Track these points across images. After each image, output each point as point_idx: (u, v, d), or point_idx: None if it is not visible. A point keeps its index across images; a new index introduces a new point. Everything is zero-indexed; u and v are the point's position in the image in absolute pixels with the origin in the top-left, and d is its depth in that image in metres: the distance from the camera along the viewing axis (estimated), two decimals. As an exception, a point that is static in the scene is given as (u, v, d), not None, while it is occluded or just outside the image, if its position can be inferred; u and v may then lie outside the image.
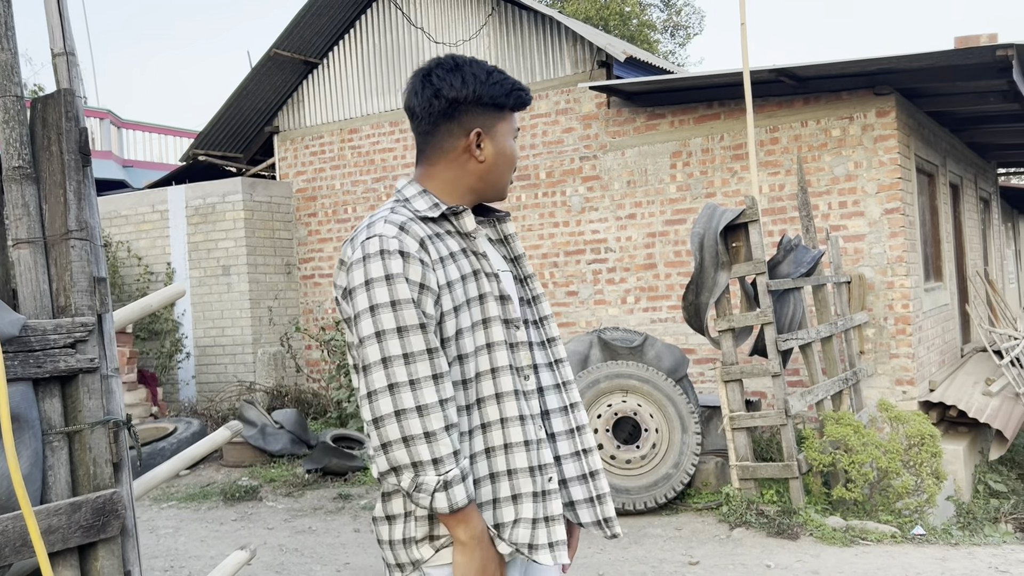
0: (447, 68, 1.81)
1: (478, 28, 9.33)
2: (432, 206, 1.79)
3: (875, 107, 7.41)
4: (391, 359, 1.60)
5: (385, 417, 1.59)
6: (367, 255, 1.66)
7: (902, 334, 7.41)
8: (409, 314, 1.62)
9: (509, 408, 1.75)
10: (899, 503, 5.52)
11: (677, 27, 39.68)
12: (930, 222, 8.99)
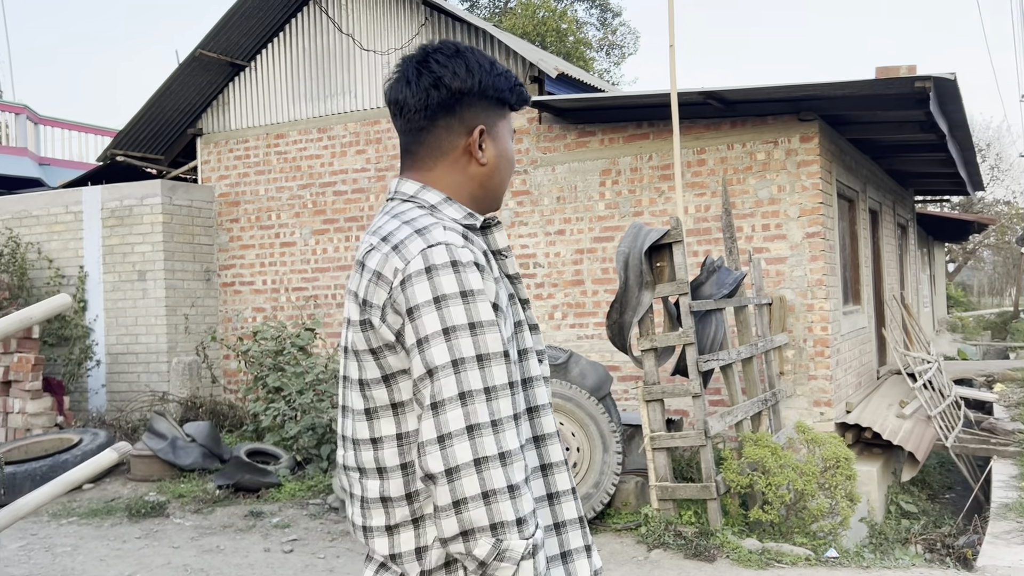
0: (448, 53, 1.54)
1: (411, 37, 9.22)
2: (467, 215, 1.52)
3: (799, 132, 7.54)
4: (471, 394, 1.31)
5: (462, 467, 1.29)
6: (433, 266, 1.35)
7: (821, 356, 7.52)
8: (492, 339, 1.34)
9: (555, 452, 1.54)
10: (814, 525, 5.57)
11: (612, 46, 40.20)
12: (850, 246, 9.19)
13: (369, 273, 1.42)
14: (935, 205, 24.71)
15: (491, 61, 1.58)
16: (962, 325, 26.28)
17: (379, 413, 1.44)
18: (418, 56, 1.55)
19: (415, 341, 1.35)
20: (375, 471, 1.44)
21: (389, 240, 1.43)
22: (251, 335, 8.10)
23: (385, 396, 1.43)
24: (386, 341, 1.40)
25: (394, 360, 1.41)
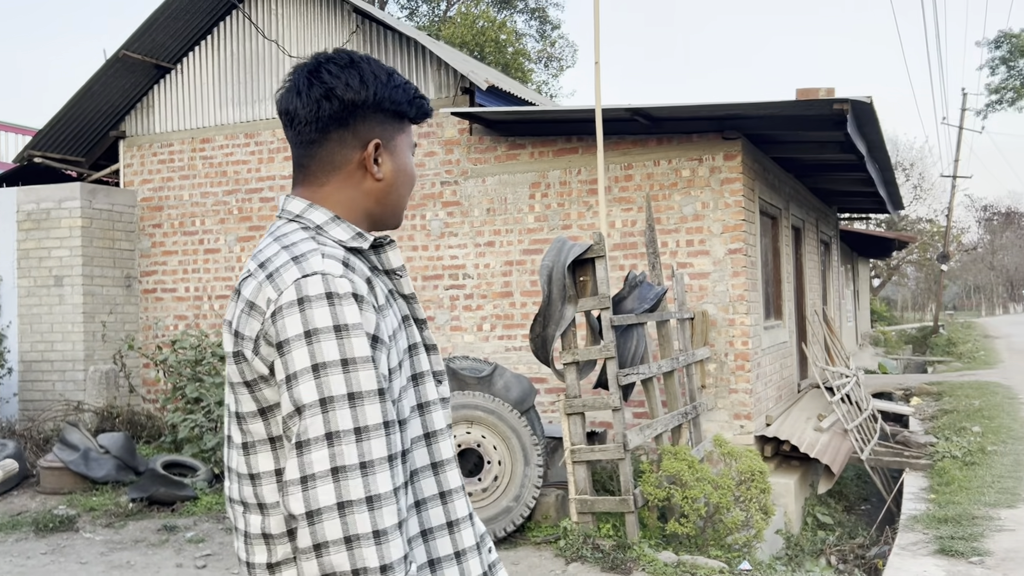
0: (341, 64, 1.46)
1: (341, 44, 9.14)
2: (355, 235, 1.45)
3: (723, 151, 7.69)
4: (338, 435, 1.25)
5: (324, 510, 1.23)
6: (306, 297, 1.28)
7: (741, 370, 7.66)
8: (366, 376, 1.27)
9: (453, 478, 1.50)
10: (729, 538, 5.66)
11: (551, 58, 40.50)
12: (772, 263, 9.39)
13: (243, 303, 1.36)
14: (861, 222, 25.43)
15: (388, 72, 1.51)
16: (885, 339, 27.07)
17: (256, 448, 1.38)
18: (310, 65, 1.47)
19: (284, 376, 1.29)
20: (256, 506, 1.39)
21: (266, 267, 1.36)
22: (170, 344, 7.90)
23: (262, 430, 1.37)
24: (260, 373, 1.34)
25: (270, 393, 1.35)
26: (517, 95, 9.07)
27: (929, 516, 6.47)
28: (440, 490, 1.48)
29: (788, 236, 10.01)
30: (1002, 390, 12.99)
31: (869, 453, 8.77)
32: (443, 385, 1.56)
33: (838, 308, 15.51)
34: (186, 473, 7.26)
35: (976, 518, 6.22)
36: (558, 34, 41.11)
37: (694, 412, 6.91)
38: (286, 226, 1.46)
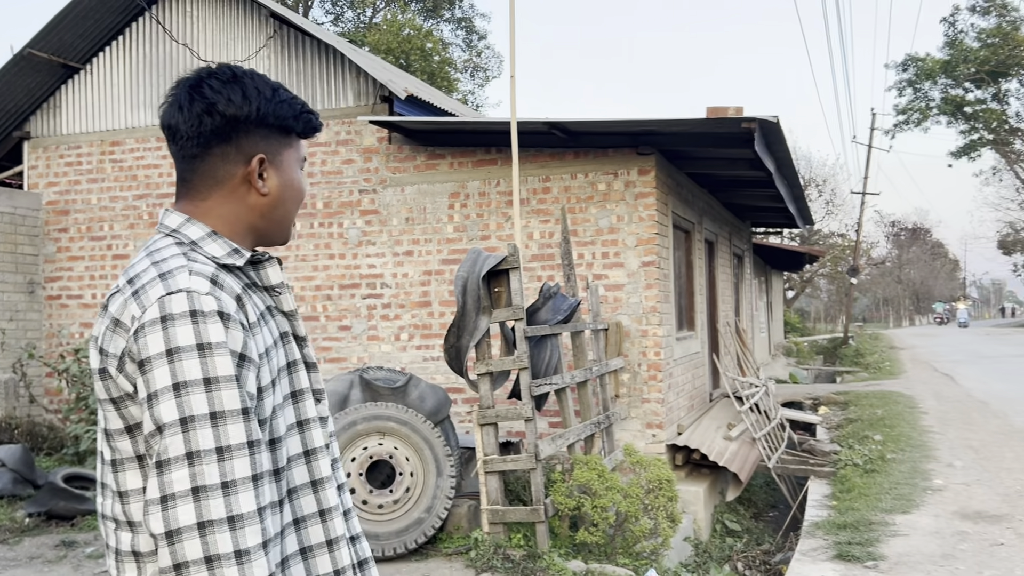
0: (223, 79, 1.45)
1: (257, 49, 9.02)
2: (231, 251, 1.44)
3: (638, 166, 7.84)
4: (199, 455, 1.23)
5: (183, 530, 1.22)
6: (169, 315, 1.27)
7: (654, 380, 7.81)
8: (229, 396, 1.26)
9: (331, 497, 1.49)
10: (637, 546, 5.75)
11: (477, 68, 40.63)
12: (685, 275, 9.61)
13: (108, 319, 1.34)
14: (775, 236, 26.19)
15: (274, 87, 1.50)
16: (797, 350, 27.88)
17: (124, 465, 1.36)
18: (191, 80, 1.47)
19: (145, 395, 1.27)
20: (126, 523, 1.37)
21: (134, 283, 1.35)
22: (73, 352, 7.65)
23: (129, 448, 1.35)
24: (125, 391, 1.32)
25: (135, 411, 1.33)
26: (437, 105, 9.08)
27: (830, 522, 6.69)
28: (319, 508, 1.48)
29: (701, 249, 10.25)
30: (904, 399, 13.53)
31: (776, 461, 9.03)
32: (322, 404, 1.56)
33: (751, 320, 15.94)
34: (89, 487, 7.03)
35: (873, 524, 6.47)
36: (484, 44, 41.31)
37: (607, 421, 7.01)
38: (160, 241, 1.44)
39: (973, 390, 14.73)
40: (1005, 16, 34.29)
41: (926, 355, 24.30)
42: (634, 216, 7.84)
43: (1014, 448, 9.18)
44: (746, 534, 8.32)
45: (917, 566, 5.47)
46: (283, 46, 9.05)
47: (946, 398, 13.77)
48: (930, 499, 7.17)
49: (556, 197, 8.09)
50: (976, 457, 8.78)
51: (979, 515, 6.60)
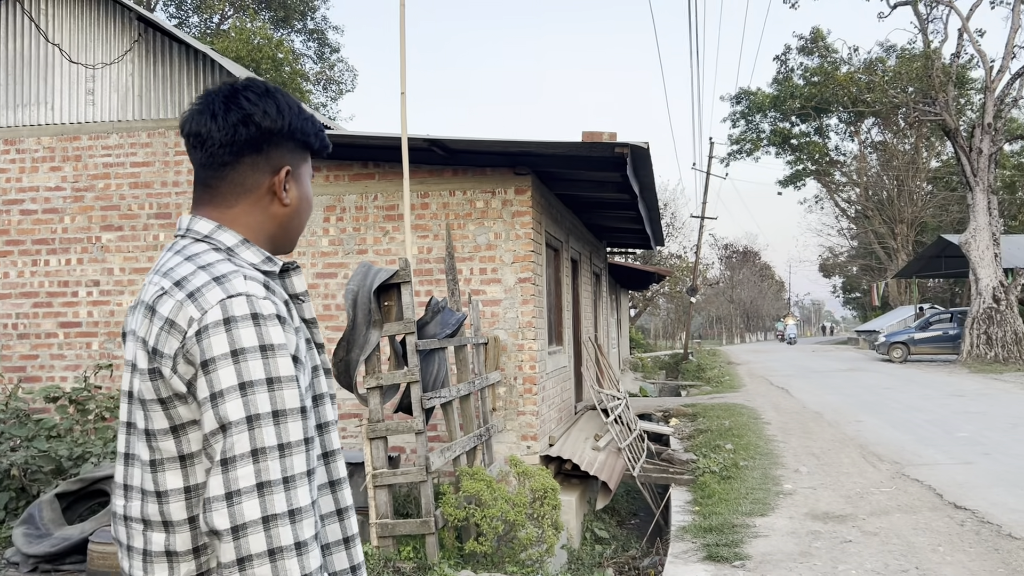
0: (259, 92, 1.50)
1: (123, 52, 8.65)
2: (265, 259, 1.50)
3: (515, 185, 8.07)
4: (263, 451, 1.28)
5: (249, 525, 1.26)
6: (232, 317, 1.31)
7: (529, 393, 8.03)
8: (290, 395, 1.32)
9: (347, 496, 1.55)
10: (523, 554, 5.91)
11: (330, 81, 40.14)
12: (554, 292, 9.92)
13: (160, 320, 1.36)
14: (621, 256, 27.23)
15: (299, 104, 1.57)
16: (642, 365, 29.07)
17: (165, 465, 1.38)
18: (226, 91, 1.51)
19: (208, 395, 1.31)
20: (161, 524, 1.39)
21: (183, 286, 1.38)
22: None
23: (173, 448, 1.38)
24: (176, 391, 1.35)
25: (184, 411, 1.35)
26: (312, 118, 8.98)
27: (696, 526, 7.08)
28: (337, 507, 1.54)
29: (568, 267, 10.61)
30: (747, 411, 14.42)
31: (640, 470, 9.44)
32: (335, 407, 1.62)
33: (606, 336, 16.53)
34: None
35: (736, 527, 6.90)
36: (337, 57, 40.90)
37: (487, 434, 7.15)
38: (194, 246, 1.47)
39: (807, 402, 15.88)
40: (827, 57, 37.26)
41: (761, 370, 25.91)
42: (511, 234, 8.05)
43: (849, 454, 10.00)
44: (613, 541, 8.65)
45: (780, 564, 5.90)
46: (148, 50, 8.71)
47: (784, 410, 14.78)
48: (783, 502, 7.72)
49: (435, 213, 8.19)
50: (818, 463, 9.51)
51: (828, 516, 7.17)
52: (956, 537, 6.29)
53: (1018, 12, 25.56)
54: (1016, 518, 6.72)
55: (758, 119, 45.18)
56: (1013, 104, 27.18)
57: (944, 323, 28.10)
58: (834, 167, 48.49)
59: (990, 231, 25.30)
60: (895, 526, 6.68)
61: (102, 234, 8.70)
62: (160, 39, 8.72)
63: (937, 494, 7.71)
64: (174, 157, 8.63)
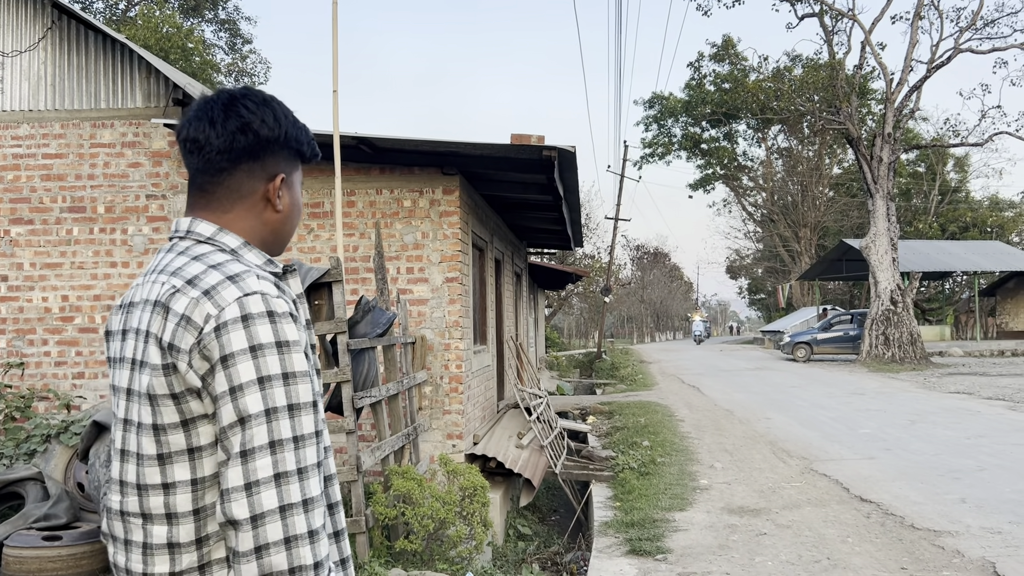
0: (257, 101, 1.54)
1: (35, 40, 8.33)
2: (266, 261, 1.55)
3: (442, 185, 8.11)
4: (281, 443, 1.34)
5: (267, 514, 1.32)
6: (249, 315, 1.37)
7: (455, 392, 8.08)
8: (304, 390, 1.38)
9: (337, 492, 1.60)
10: (453, 551, 5.97)
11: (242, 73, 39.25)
12: (479, 291, 9.99)
13: (176, 317, 1.40)
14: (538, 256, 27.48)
15: (293, 114, 1.61)
16: (557, 363, 29.41)
17: (174, 458, 1.42)
18: (225, 98, 1.54)
19: (227, 389, 1.35)
20: (163, 516, 1.42)
21: (197, 284, 1.42)
22: None
23: (182, 441, 1.41)
24: (190, 386, 1.39)
25: (196, 405, 1.39)
26: (236, 112, 8.82)
27: (618, 521, 7.26)
28: (329, 502, 1.59)
29: (492, 267, 10.70)
30: (661, 409, 14.78)
31: (561, 467, 9.60)
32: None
33: (526, 335, 16.69)
34: None
35: (656, 521, 7.11)
36: (250, 48, 40.04)
37: (414, 433, 7.17)
38: (198, 247, 1.51)
39: (718, 400, 16.38)
40: (737, 64, 38.37)
41: (672, 369, 26.55)
42: (439, 233, 8.08)
43: (761, 451, 10.38)
44: (536, 537, 8.78)
45: (700, 556, 6.11)
46: (63, 38, 8.41)
47: (697, 407, 15.21)
48: (700, 497, 7.98)
49: (361, 211, 8.16)
50: (732, 459, 9.85)
51: (743, 509, 7.45)
52: (863, 529, 6.63)
53: (916, 28, 26.89)
54: (918, 510, 7.12)
55: (670, 124, 46.24)
56: (911, 115, 28.57)
57: (845, 324, 29.34)
58: (742, 172, 50.02)
59: (889, 236, 26.53)
60: (806, 519, 6.99)
61: (11, 228, 8.37)
62: (75, 27, 8.43)
63: (844, 488, 8.09)
64: (89, 149, 8.35)
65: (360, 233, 8.13)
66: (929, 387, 18.25)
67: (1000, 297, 40.32)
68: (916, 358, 25.45)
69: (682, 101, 44.02)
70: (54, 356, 8.31)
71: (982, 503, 7.27)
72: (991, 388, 17.36)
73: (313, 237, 8.17)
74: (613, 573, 5.90)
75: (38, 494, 6.02)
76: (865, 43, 27.34)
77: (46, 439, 6.51)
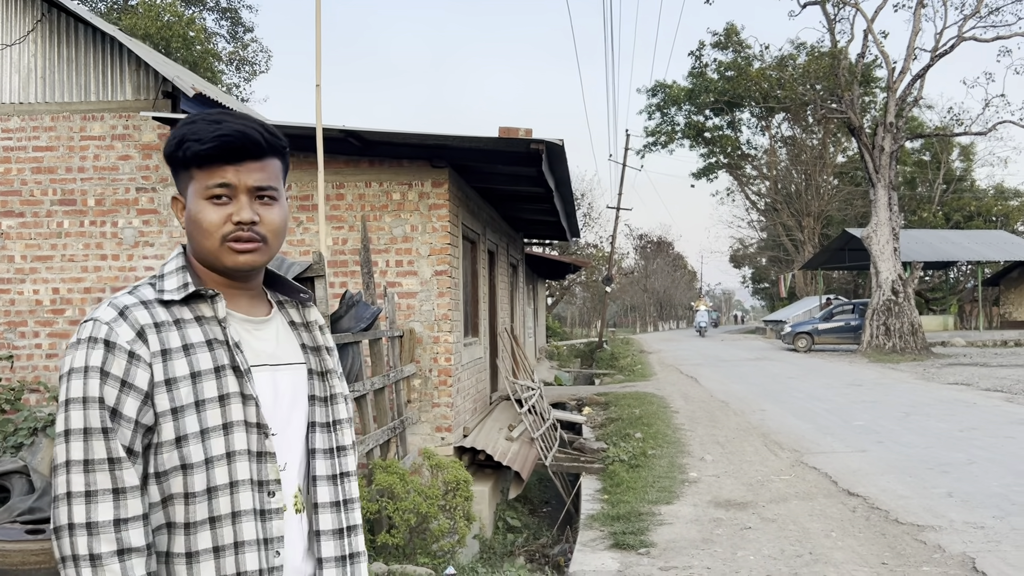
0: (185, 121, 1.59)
1: (24, 33, 8.33)
2: (181, 286, 1.56)
3: (431, 178, 8.10)
4: (71, 464, 1.42)
5: (60, 529, 1.41)
6: (79, 340, 1.47)
7: (444, 385, 8.10)
8: (96, 415, 1.43)
9: (248, 530, 1.52)
10: (435, 545, 5.99)
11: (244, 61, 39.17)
12: (471, 283, 10.00)
13: None
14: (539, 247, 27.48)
15: (191, 121, 1.57)
16: (558, 353, 29.43)
17: None
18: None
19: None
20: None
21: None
22: None
23: None
24: None
25: None
26: (226, 106, 8.82)
27: (604, 515, 7.28)
28: (236, 540, 1.51)
29: (484, 259, 10.69)
30: (657, 400, 14.80)
31: (552, 459, 9.62)
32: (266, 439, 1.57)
33: (523, 326, 16.70)
34: None
35: (642, 514, 7.13)
36: (251, 37, 39.93)
37: (401, 427, 7.19)
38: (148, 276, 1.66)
39: (715, 391, 16.39)
40: (740, 52, 38.20)
41: (672, 359, 26.55)
42: (428, 226, 8.09)
43: (752, 443, 10.39)
44: (525, 529, 8.81)
45: (683, 550, 6.13)
46: (52, 31, 8.42)
47: (693, 399, 15.22)
48: (688, 490, 8.00)
49: (350, 204, 8.16)
50: (723, 452, 9.86)
51: (729, 503, 7.47)
52: (848, 523, 6.64)
53: (919, 16, 26.71)
54: (903, 504, 7.12)
55: (673, 112, 46.05)
56: (914, 104, 28.43)
57: (846, 314, 29.28)
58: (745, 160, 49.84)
59: (890, 226, 26.44)
60: (792, 512, 7.01)
61: (2, 220, 8.39)
62: (66, 20, 8.43)
63: (832, 481, 8.10)
64: (79, 142, 8.37)
65: (349, 226, 8.13)
66: (928, 378, 18.23)
67: (1004, 287, 40.20)
68: (917, 348, 25.41)
69: (685, 89, 43.84)
70: (45, 348, 8.35)
71: (968, 497, 7.27)
72: (990, 379, 17.33)
73: (303, 230, 8.17)
74: (595, 567, 5.92)
75: (24, 487, 6.06)
76: (867, 31, 27.18)
77: (33, 432, 6.55)
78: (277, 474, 1.58)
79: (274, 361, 1.63)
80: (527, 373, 12.34)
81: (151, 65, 8.25)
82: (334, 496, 1.69)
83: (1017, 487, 7.59)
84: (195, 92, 8.14)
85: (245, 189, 1.56)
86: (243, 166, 1.56)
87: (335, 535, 1.68)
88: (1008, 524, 6.41)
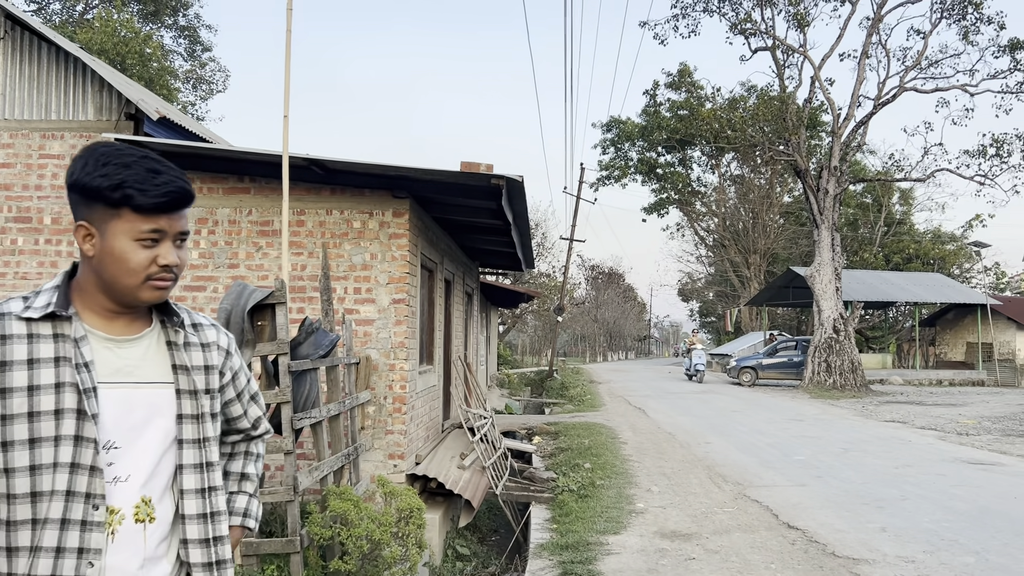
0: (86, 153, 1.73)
1: (-13, 49, 8.30)
2: (44, 306, 1.72)
3: (392, 208, 8.24)
4: None
5: None
6: None
7: (398, 412, 8.19)
8: None
9: (71, 538, 1.67)
10: (386, 572, 6.06)
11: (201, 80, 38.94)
12: (427, 312, 10.12)
13: None
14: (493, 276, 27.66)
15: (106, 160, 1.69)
16: (509, 381, 29.53)
17: None
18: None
19: None
20: None
21: None
22: None
23: None
24: None
25: None
26: (189, 129, 8.89)
27: (553, 544, 7.42)
28: (32, 544, 1.67)
29: (441, 288, 10.83)
30: (606, 431, 15.00)
31: (502, 488, 9.73)
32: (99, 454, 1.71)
33: (476, 353, 16.81)
34: None
35: (590, 544, 7.28)
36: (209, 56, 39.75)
37: (355, 453, 7.26)
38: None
39: (662, 423, 16.66)
40: (693, 93, 39.10)
41: (620, 390, 26.85)
42: (387, 255, 8.21)
43: (698, 475, 10.63)
44: (474, 558, 8.89)
45: (629, 579, 6.29)
46: (14, 49, 8.41)
47: (641, 430, 15.46)
48: (635, 521, 8.17)
49: (311, 231, 8.25)
50: (669, 483, 10.07)
51: (674, 534, 7.66)
52: (787, 555, 6.87)
53: (863, 65, 27.73)
54: (840, 537, 7.39)
55: (627, 147, 46.87)
56: (857, 149, 29.39)
57: (790, 350, 29.93)
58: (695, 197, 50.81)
59: (833, 266, 27.21)
60: (735, 544, 7.22)
61: (-46, 236, 8.30)
62: (28, 38, 8.43)
63: (773, 514, 8.35)
64: (37, 160, 8.34)
65: (309, 252, 8.22)
66: (866, 415, 18.75)
67: (940, 328, 41.46)
68: (856, 386, 26.08)
69: (639, 126, 44.70)
70: (-7, 366, 8.24)
71: (901, 532, 7.57)
72: (925, 417, 17.91)
73: (262, 255, 8.24)
74: (544, 595, 6.04)
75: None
76: (815, 78, 28.10)
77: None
78: (103, 488, 1.70)
79: (132, 379, 1.76)
80: (480, 401, 12.45)
81: (114, 86, 8.28)
82: (201, 508, 1.83)
83: (946, 523, 7.92)
84: (159, 115, 8.19)
85: (172, 235, 1.76)
86: (174, 215, 1.75)
87: (202, 544, 1.83)
88: (937, 559, 6.70)
